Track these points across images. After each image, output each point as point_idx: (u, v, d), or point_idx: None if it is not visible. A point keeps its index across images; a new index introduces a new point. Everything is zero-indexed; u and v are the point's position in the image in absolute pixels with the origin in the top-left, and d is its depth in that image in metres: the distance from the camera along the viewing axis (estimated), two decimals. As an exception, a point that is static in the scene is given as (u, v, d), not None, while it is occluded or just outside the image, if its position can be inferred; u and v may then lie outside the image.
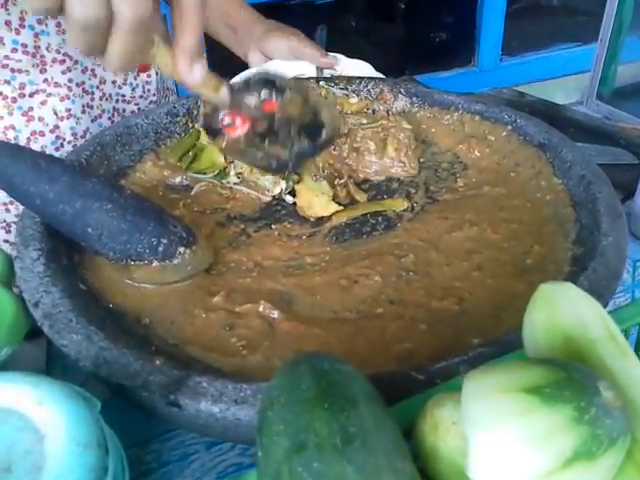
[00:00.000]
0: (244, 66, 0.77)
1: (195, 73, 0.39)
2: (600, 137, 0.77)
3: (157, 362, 0.34)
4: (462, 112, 0.64)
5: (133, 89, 0.71)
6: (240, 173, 0.58)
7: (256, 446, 0.25)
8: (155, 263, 0.44)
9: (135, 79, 0.71)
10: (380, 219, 0.54)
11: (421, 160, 0.62)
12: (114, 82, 0.69)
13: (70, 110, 0.65)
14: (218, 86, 0.42)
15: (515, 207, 0.54)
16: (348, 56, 0.75)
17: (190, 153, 0.60)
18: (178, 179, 0.59)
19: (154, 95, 0.73)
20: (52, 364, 0.45)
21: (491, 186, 0.57)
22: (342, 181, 0.57)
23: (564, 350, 0.28)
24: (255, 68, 0.75)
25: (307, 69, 0.73)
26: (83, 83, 0.65)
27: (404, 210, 0.55)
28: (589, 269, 0.40)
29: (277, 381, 0.26)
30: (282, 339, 0.41)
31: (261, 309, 0.43)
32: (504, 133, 0.61)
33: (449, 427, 0.25)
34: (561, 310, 0.30)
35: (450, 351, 0.38)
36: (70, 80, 0.64)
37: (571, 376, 0.23)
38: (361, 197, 0.57)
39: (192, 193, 0.57)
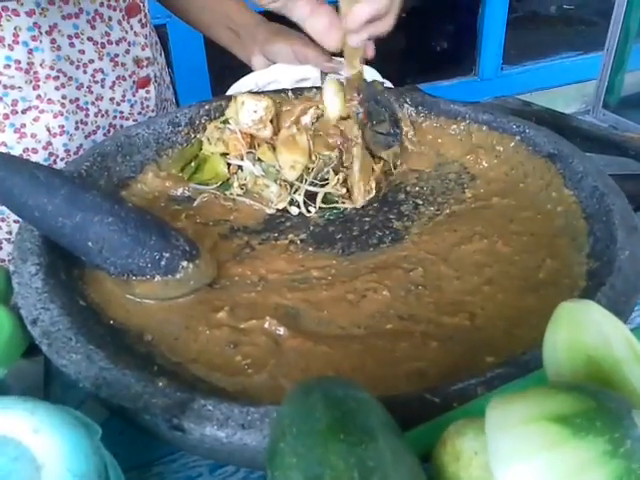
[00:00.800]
0: (247, 70, 0.76)
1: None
2: (608, 147, 0.76)
3: (160, 384, 0.33)
4: (469, 122, 0.63)
5: (132, 105, 0.70)
6: (244, 184, 0.57)
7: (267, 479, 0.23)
8: (157, 278, 0.43)
9: (134, 95, 0.69)
10: (387, 231, 0.53)
11: (427, 170, 0.61)
12: (112, 99, 0.67)
13: (63, 127, 0.63)
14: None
15: (525, 219, 0.52)
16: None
17: (192, 163, 0.59)
18: (180, 190, 0.58)
19: (153, 111, 0.72)
20: (51, 382, 0.44)
21: (500, 197, 0.56)
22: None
23: (587, 371, 0.27)
24: (258, 72, 0.74)
25: (311, 73, 0.72)
26: (77, 99, 0.64)
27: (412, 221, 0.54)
28: (607, 284, 0.39)
29: (288, 408, 0.25)
30: (288, 357, 0.40)
31: (266, 325, 0.42)
32: (512, 143, 0.60)
33: (472, 457, 0.23)
34: (584, 329, 0.28)
35: (462, 369, 0.37)
36: (64, 96, 0.62)
37: (602, 405, 0.21)
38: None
39: (194, 204, 0.56)
